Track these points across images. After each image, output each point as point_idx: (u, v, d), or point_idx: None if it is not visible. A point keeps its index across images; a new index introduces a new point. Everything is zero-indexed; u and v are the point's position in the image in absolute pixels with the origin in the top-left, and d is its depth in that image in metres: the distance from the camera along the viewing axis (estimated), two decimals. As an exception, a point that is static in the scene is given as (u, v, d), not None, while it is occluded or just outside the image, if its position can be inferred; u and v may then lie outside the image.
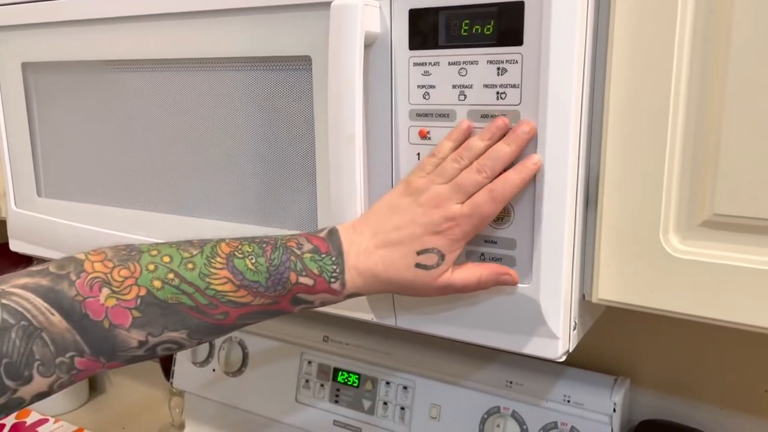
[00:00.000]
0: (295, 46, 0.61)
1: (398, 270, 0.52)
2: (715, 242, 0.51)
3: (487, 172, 0.51)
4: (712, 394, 0.81)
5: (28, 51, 0.81)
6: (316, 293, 0.52)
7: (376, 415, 0.91)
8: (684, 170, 0.51)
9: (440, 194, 0.51)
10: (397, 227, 0.52)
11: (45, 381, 0.46)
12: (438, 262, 0.52)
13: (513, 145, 0.51)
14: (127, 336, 0.48)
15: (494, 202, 0.51)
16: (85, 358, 0.47)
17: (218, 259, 0.50)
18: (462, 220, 0.51)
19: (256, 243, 0.51)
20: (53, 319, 0.46)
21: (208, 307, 0.50)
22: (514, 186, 0.51)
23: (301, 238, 0.52)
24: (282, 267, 0.50)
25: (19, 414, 1.14)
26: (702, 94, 0.49)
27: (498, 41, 0.51)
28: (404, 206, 0.52)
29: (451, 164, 0.52)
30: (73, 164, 0.82)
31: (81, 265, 0.48)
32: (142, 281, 0.48)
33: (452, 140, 0.53)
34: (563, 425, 0.79)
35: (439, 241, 0.51)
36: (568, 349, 0.56)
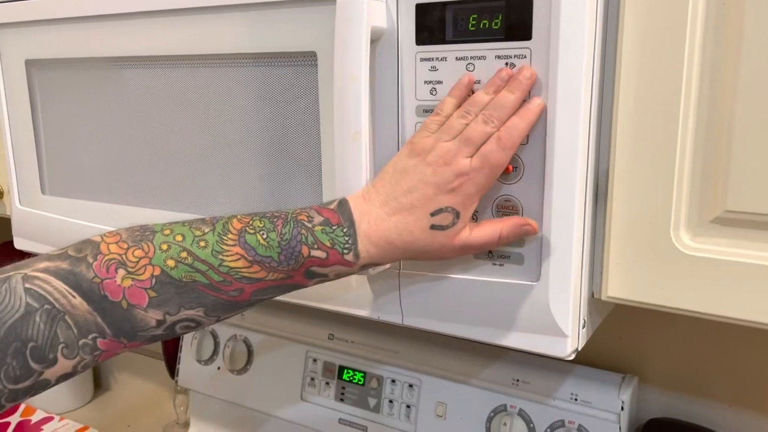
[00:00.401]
0: (301, 42, 0.60)
1: (414, 234, 0.51)
2: (727, 239, 0.50)
3: (494, 122, 0.50)
4: (721, 392, 0.80)
5: (32, 48, 0.81)
6: (330, 265, 0.51)
7: (382, 413, 0.91)
8: (695, 165, 0.50)
9: (449, 150, 0.50)
10: (408, 190, 0.50)
11: (69, 363, 0.47)
12: (454, 220, 0.50)
13: (516, 92, 0.50)
14: (145, 315, 0.49)
15: (503, 151, 0.49)
16: (107, 339, 0.48)
17: (230, 236, 0.50)
18: (473, 174, 0.50)
19: (267, 218, 0.51)
20: (75, 301, 0.47)
21: (223, 284, 0.50)
22: (521, 131, 0.50)
23: (312, 210, 0.52)
24: (294, 241, 0.50)
25: (24, 412, 1.14)
26: (714, 87, 0.48)
27: (506, 36, 0.51)
28: (412, 167, 0.51)
29: (457, 120, 0.51)
30: (77, 161, 0.81)
31: (97, 247, 0.49)
32: (156, 261, 0.49)
33: (455, 97, 0.52)
34: (570, 424, 0.79)
35: (453, 199, 0.50)
36: (577, 348, 0.55)
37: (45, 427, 1.10)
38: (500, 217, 0.54)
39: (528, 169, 0.52)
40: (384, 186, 0.52)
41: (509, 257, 0.54)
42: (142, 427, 1.22)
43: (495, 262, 0.55)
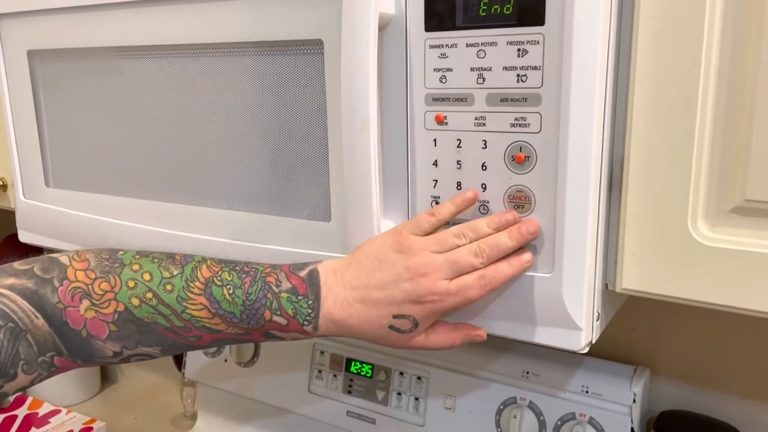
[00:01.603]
0: (307, 30, 0.59)
1: (372, 327, 0.52)
2: (746, 229, 0.49)
3: (483, 258, 0.51)
4: (734, 383, 0.79)
5: (34, 39, 0.80)
6: (288, 332, 0.52)
7: (390, 406, 0.90)
8: (714, 153, 0.48)
9: (432, 264, 0.50)
10: (380, 285, 0.51)
11: (28, 377, 0.49)
12: (411, 328, 0.52)
13: (514, 242, 0.51)
14: (102, 346, 0.50)
15: (481, 290, 0.51)
16: (63, 358, 0.50)
17: (197, 284, 0.51)
18: (446, 297, 0.51)
19: (236, 272, 0.52)
20: (37, 322, 0.48)
21: (183, 329, 0.51)
22: (504, 278, 0.51)
23: (281, 273, 0.52)
24: (258, 303, 0.51)
25: (32, 405, 1.14)
26: (734, 73, 0.47)
27: (518, 21, 0.49)
28: (390, 264, 0.51)
29: (451, 238, 0.52)
30: (80, 153, 0.81)
31: (65, 271, 0.50)
32: (121, 297, 0.50)
33: (455, 205, 0.53)
34: (581, 416, 0.78)
35: (417, 311, 0.51)
36: (591, 341, 0.54)
37: (52, 420, 1.10)
38: (511, 207, 0.53)
39: (540, 158, 0.51)
40: (359, 270, 0.52)
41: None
42: (150, 419, 1.22)
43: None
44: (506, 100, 0.51)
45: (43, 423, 1.09)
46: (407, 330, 0.52)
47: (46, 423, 1.09)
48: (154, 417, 1.22)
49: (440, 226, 0.53)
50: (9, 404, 1.15)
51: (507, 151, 0.52)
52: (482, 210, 0.54)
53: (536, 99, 0.50)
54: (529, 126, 0.51)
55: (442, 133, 0.54)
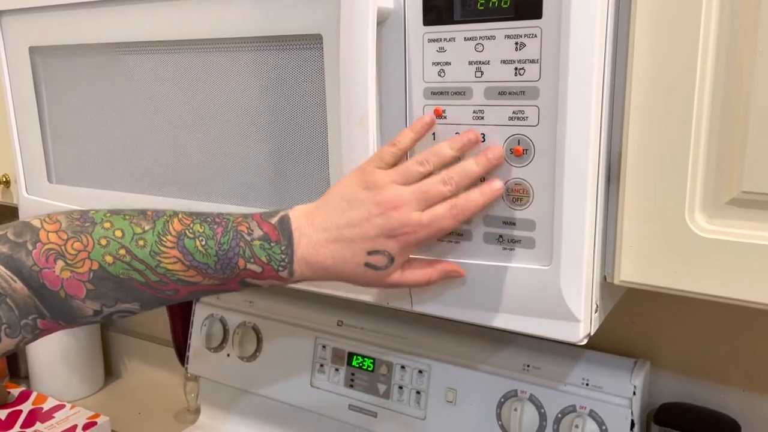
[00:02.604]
0: (306, 25, 0.59)
1: (348, 266, 0.51)
2: (744, 221, 0.49)
3: (452, 186, 0.51)
4: (735, 376, 0.79)
5: (36, 35, 0.80)
6: (264, 279, 0.52)
7: (392, 399, 0.91)
8: (710, 145, 0.49)
9: (400, 197, 0.50)
10: (351, 224, 0.51)
11: (12, 341, 0.50)
12: (387, 264, 0.52)
13: (481, 167, 0.51)
14: (82, 305, 0.50)
15: (454, 219, 0.51)
16: (46, 320, 0.50)
17: (169, 237, 0.50)
18: (419, 229, 0.50)
19: (208, 223, 0.52)
20: (15, 285, 0.49)
21: (159, 284, 0.51)
22: (476, 206, 0.51)
23: (253, 222, 0.52)
24: (231, 252, 0.51)
25: (36, 400, 1.15)
26: (730, 65, 0.47)
27: (516, 15, 0.50)
28: (360, 201, 0.51)
29: (415, 166, 0.51)
30: (83, 149, 0.81)
31: (37, 234, 0.50)
32: (94, 255, 0.50)
33: (415, 132, 0.53)
34: (582, 409, 0.78)
35: (391, 245, 0.51)
36: (590, 333, 0.54)
37: (57, 415, 1.10)
38: (510, 200, 0.53)
39: (539, 151, 0.51)
40: (329, 211, 0.52)
41: (520, 241, 0.53)
42: (153, 414, 1.22)
43: (505, 247, 0.54)
44: (504, 93, 0.51)
45: (47, 417, 1.10)
46: (383, 266, 0.52)
47: (51, 417, 1.10)
48: (157, 411, 1.23)
49: (402, 156, 0.53)
50: (14, 399, 1.16)
51: (505, 144, 0.52)
52: (481, 203, 0.54)
53: (534, 92, 0.50)
54: (527, 119, 0.51)
55: (441, 127, 0.55)
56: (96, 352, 1.31)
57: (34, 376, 1.28)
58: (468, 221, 0.55)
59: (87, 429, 1.07)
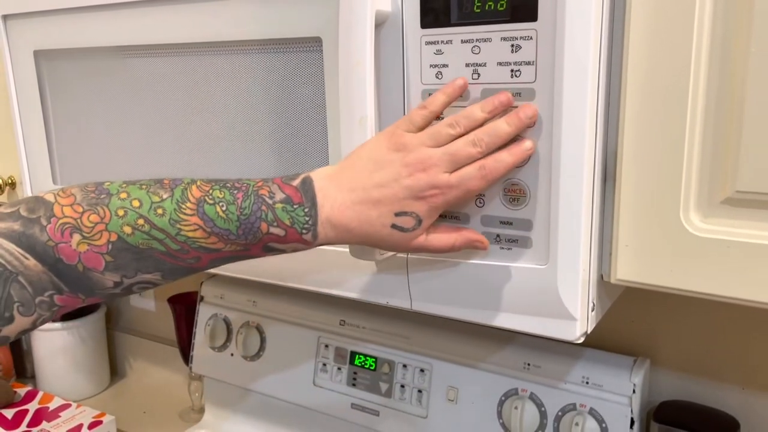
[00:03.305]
0: (305, 28, 0.60)
1: (374, 227, 0.50)
2: (738, 220, 0.49)
3: (482, 147, 0.50)
4: (734, 374, 0.80)
5: (40, 38, 0.81)
6: (288, 243, 0.51)
7: (394, 398, 0.91)
8: (705, 145, 0.49)
9: (430, 158, 0.49)
10: (379, 185, 0.50)
11: (27, 320, 0.48)
12: (414, 226, 0.51)
13: (513, 127, 0.50)
14: (101, 278, 0.49)
15: (483, 180, 0.50)
16: (64, 295, 0.49)
17: (188, 205, 0.49)
18: (447, 190, 0.50)
19: (228, 188, 0.50)
20: (28, 263, 0.47)
21: (180, 252, 0.50)
22: (506, 167, 0.50)
23: (274, 185, 0.51)
24: (253, 217, 0.49)
25: (42, 399, 1.16)
26: (724, 65, 0.47)
27: (512, 17, 0.50)
28: (389, 162, 0.50)
29: (445, 128, 0.50)
30: (87, 151, 0.82)
31: (51, 208, 0.48)
32: (112, 227, 0.48)
33: (446, 95, 0.52)
34: (582, 407, 0.79)
35: (420, 207, 0.50)
36: (587, 331, 0.55)
37: (63, 414, 1.11)
38: (507, 200, 0.54)
39: (535, 151, 0.52)
40: (355, 172, 0.51)
41: (517, 241, 0.54)
42: (158, 413, 1.23)
43: (503, 246, 0.55)
44: (501, 95, 0.52)
45: (53, 417, 1.11)
46: (410, 228, 0.51)
47: (57, 417, 1.11)
48: (162, 411, 1.24)
49: (432, 119, 0.52)
50: (20, 398, 1.17)
51: (502, 145, 0.53)
52: (478, 203, 0.55)
53: (530, 94, 0.51)
54: (524, 120, 0.51)
55: (439, 128, 0.55)
56: (101, 352, 1.33)
57: (40, 375, 1.29)
58: (467, 220, 0.56)
59: (92, 428, 1.08)
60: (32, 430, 1.08)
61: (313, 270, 0.66)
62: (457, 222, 0.56)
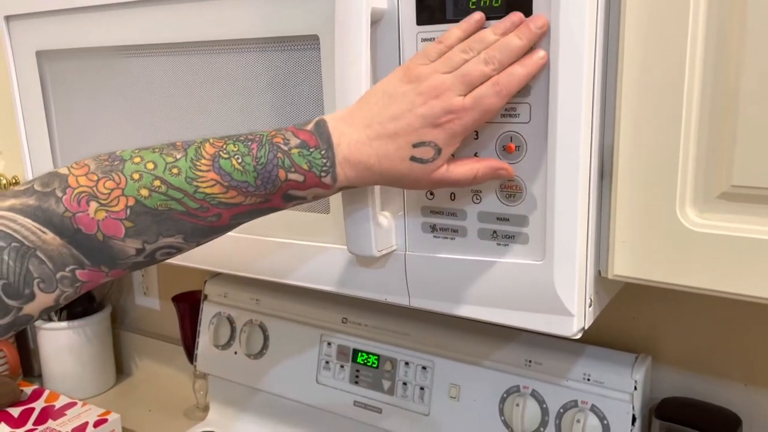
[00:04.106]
0: (303, 26, 0.60)
1: (393, 162, 0.50)
2: (734, 215, 0.49)
3: (494, 64, 0.48)
4: (736, 370, 0.79)
5: (42, 39, 0.82)
6: (308, 188, 0.50)
7: (396, 396, 0.92)
8: (701, 140, 0.49)
9: (443, 83, 0.48)
10: (394, 117, 0.49)
11: (49, 296, 0.47)
12: (434, 156, 0.50)
13: (524, 39, 0.49)
14: (123, 245, 0.48)
15: (498, 96, 0.48)
16: (86, 270, 0.48)
17: (203, 161, 0.49)
18: (463, 113, 0.48)
19: (241, 141, 0.50)
20: (45, 237, 0.46)
21: (200, 210, 0.49)
22: (520, 79, 0.49)
23: (288, 132, 0.50)
24: (270, 165, 0.49)
25: (48, 398, 1.17)
26: (719, 59, 0.47)
27: (507, 12, 0.50)
28: (402, 94, 0.49)
29: (459, 54, 0.49)
30: (89, 150, 0.82)
31: (65, 180, 0.48)
32: (128, 191, 0.48)
33: (462, 30, 0.51)
34: (583, 404, 0.79)
35: (438, 134, 0.49)
36: (584, 327, 0.55)
37: (68, 412, 1.12)
38: (503, 196, 0.54)
39: (531, 147, 0.52)
40: (370, 108, 0.50)
41: (514, 237, 0.54)
42: (163, 411, 1.24)
43: (500, 242, 0.55)
44: (496, 90, 0.52)
45: (59, 415, 1.12)
46: (430, 158, 0.49)
47: (62, 415, 1.12)
48: (167, 409, 1.25)
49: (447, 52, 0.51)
50: (27, 397, 1.18)
51: (498, 141, 0.53)
52: (475, 200, 0.55)
53: (525, 89, 0.51)
54: (519, 116, 0.52)
55: (435, 125, 0.55)
56: (107, 351, 1.33)
57: (46, 374, 1.30)
58: (463, 216, 0.56)
59: (98, 426, 1.09)
60: (38, 428, 1.08)
61: (313, 267, 0.66)
62: (454, 218, 0.56)
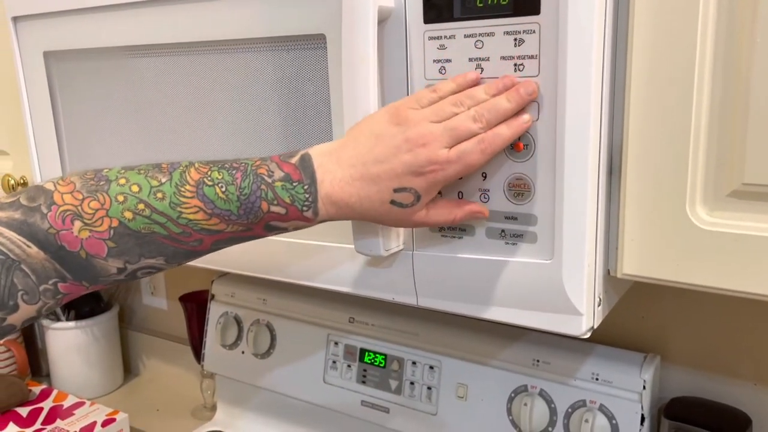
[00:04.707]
0: (309, 25, 0.60)
1: (373, 204, 0.51)
2: (745, 213, 0.49)
3: (482, 123, 0.50)
4: (745, 370, 0.79)
5: (50, 40, 0.82)
6: (289, 221, 0.51)
7: (404, 395, 0.92)
8: (711, 138, 0.49)
9: (431, 133, 0.49)
10: (378, 160, 0.50)
11: (32, 308, 0.49)
12: (413, 202, 0.51)
13: (513, 103, 0.50)
14: (105, 264, 0.49)
15: (482, 154, 0.50)
16: (68, 283, 0.49)
17: (188, 187, 0.49)
18: (447, 166, 0.49)
19: (226, 169, 0.51)
20: (30, 251, 0.48)
21: (182, 235, 0.50)
22: (504, 140, 0.50)
23: (272, 164, 0.51)
24: (253, 196, 0.50)
25: (57, 398, 1.17)
26: (729, 57, 0.47)
27: (514, 11, 0.50)
28: (389, 137, 0.50)
29: (449, 106, 0.50)
30: (97, 151, 0.83)
31: (51, 196, 0.49)
32: (113, 213, 0.49)
33: (457, 84, 0.52)
34: (592, 403, 0.78)
35: (419, 183, 0.50)
36: (593, 326, 0.55)
37: (77, 412, 1.13)
38: (512, 195, 0.53)
39: (539, 146, 0.51)
40: (355, 147, 0.51)
41: (522, 236, 0.54)
42: (171, 410, 1.24)
43: (508, 242, 0.55)
44: (504, 89, 0.52)
45: (67, 414, 1.12)
46: (409, 204, 0.51)
47: (71, 414, 1.12)
48: (175, 408, 1.25)
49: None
50: (35, 397, 1.18)
51: (506, 140, 0.53)
52: (483, 198, 0.55)
53: (533, 88, 0.50)
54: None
55: (443, 124, 0.55)
56: (115, 351, 1.34)
57: (54, 374, 1.30)
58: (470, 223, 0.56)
59: (106, 425, 1.09)
60: (47, 427, 1.09)
61: (320, 267, 0.66)
62: (462, 217, 0.56)
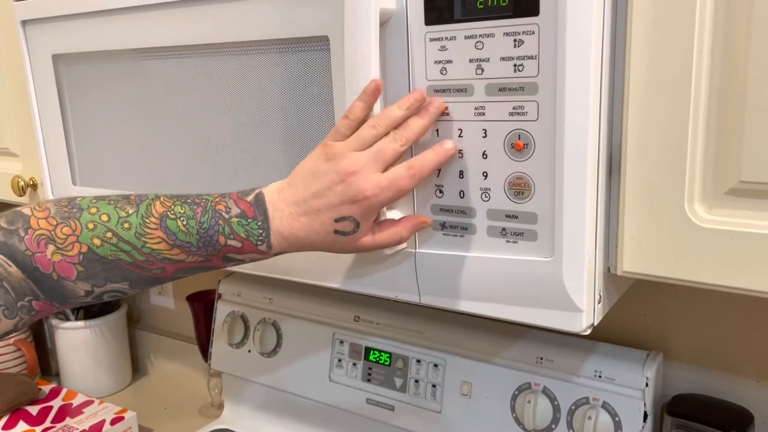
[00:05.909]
0: (313, 27, 0.61)
1: (319, 235, 0.54)
2: (743, 210, 0.49)
3: (403, 141, 0.53)
4: (748, 367, 0.79)
5: (58, 43, 0.83)
6: (245, 253, 0.55)
7: (408, 393, 0.92)
8: (709, 136, 0.49)
9: (358, 161, 0.53)
10: (316, 195, 0.53)
11: (10, 322, 0.54)
12: (354, 229, 0.54)
13: (425, 119, 0.54)
14: (74, 286, 0.54)
15: (411, 179, 0.53)
16: (41, 302, 0.54)
17: (152, 219, 0.54)
18: (379, 192, 0.52)
19: (188, 204, 0.55)
20: (11, 269, 0.52)
21: (146, 263, 0.54)
22: (432, 165, 0.54)
23: (230, 200, 0.55)
24: (211, 230, 0.54)
25: (66, 396, 1.18)
26: (726, 55, 0.47)
27: (514, 12, 0.51)
28: (323, 173, 0.54)
29: (368, 131, 0.54)
30: (106, 152, 0.84)
31: (27, 221, 0.54)
32: (83, 239, 0.53)
33: (364, 101, 0.55)
34: (595, 401, 0.79)
35: (355, 210, 0.53)
36: (593, 323, 0.55)
37: (86, 410, 1.14)
38: (512, 194, 0.54)
39: (539, 145, 0.52)
40: (297, 186, 0.55)
41: (523, 234, 0.55)
42: (178, 409, 1.25)
43: (509, 240, 0.55)
44: (504, 89, 0.52)
45: (76, 413, 1.13)
46: (350, 231, 0.54)
47: (80, 413, 1.13)
48: (182, 407, 1.26)
49: (357, 127, 0.55)
50: (45, 395, 1.20)
51: (506, 139, 0.53)
52: (484, 197, 0.56)
53: (533, 88, 0.51)
54: (527, 114, 0.52)
55: (444, 123, 0.56)
56: (123, 350, 1.35)
57: (64, 373, 1.32)
58: (472, 214, 0.56)
59: (115, 424, 1.10)
60: (56, 425, 1.10)
61: (324, 266, 0.67)
62: (463, 216, 0.57)
